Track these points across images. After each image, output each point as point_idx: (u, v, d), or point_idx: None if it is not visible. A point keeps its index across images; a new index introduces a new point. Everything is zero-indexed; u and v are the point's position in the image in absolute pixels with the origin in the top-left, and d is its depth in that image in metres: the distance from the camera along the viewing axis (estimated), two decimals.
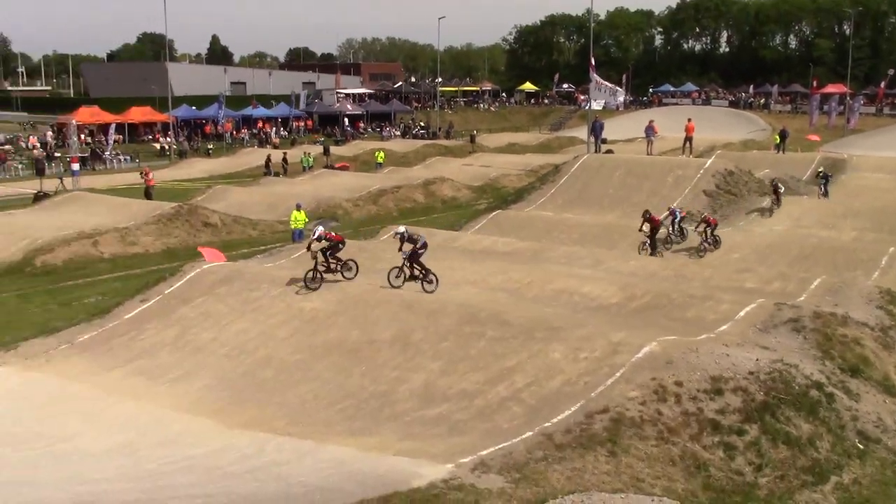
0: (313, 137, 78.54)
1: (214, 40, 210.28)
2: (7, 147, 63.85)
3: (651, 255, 25.96)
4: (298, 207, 30.40)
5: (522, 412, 13.68)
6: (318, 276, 19.78)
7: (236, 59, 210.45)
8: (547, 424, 12.88)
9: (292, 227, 30.37)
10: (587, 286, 20.20)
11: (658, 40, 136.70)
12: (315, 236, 20.14)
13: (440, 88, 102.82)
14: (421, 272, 19.49)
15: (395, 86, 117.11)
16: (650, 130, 41.00)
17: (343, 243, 20.40)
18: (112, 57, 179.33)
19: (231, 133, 77.67)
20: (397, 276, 19.46)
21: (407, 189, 43.35)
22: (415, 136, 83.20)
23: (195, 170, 57.65)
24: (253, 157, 62.36)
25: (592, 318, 17.48)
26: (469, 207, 41.40)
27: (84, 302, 23.57)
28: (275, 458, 13.12)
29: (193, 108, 79.83)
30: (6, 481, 12.14)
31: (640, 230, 26.41)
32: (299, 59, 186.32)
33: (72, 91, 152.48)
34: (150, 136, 74.39)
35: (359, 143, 72.08)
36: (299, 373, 16.56)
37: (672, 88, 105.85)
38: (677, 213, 28.31)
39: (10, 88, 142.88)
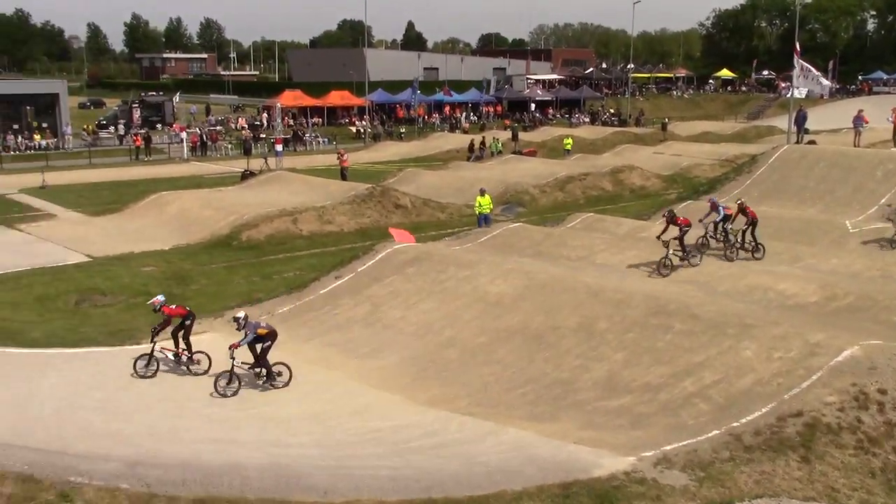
0: (503, 123, 78.95)
1: (410, 26, 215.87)
2: (218, 128, 68.17)
3: (681, 262, 21.01)
4: (483, 192, 30.70)
5: (709, 409, 13.27)
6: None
7: (430, 44, 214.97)
8: (735, 424, 12.43)
9: (477, 211, 30.73)
10: (783, 283, 19.26)
11: (871, 24, 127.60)
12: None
13: (632, 75, 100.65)
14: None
15: (586, 72, 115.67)
16: (859, 120, 38.43)
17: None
18: (314, 43, 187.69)
19: (423, 117, 79.40)
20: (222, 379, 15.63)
21: (594, 177, 42.81)
22: (604, 123, 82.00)
23: (388, 153, 59.39)
24: (443, 141, 63.49)
25: (788, 316, 16.65)
26: (658, 197, 40.37)
27: (284, 276, 24.84)
28: (457, 437, 13.40)
29: (388, 92, 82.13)
30: (214, 438, 13.06)
31: (660, 238, 20.92)
32: (491, 45, 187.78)
33: (277, 76, 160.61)
34: (347, 120, 77.23)
35: (547, 129, 71.87)
36: (482, 355, 16.78)
37: (885, 76, 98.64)
38: (721, 207, 22.38)
39: (222, 73, 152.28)
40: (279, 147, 51.00)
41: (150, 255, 27.50)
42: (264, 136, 63.08)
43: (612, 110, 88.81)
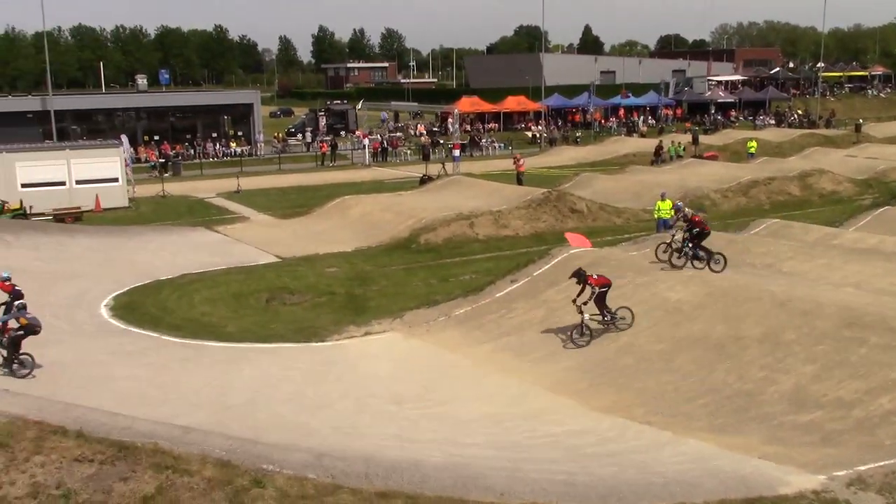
0: (682, 126, 76.88)
1: (586, 30, 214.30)
2: (398, 134, 70.10)
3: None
4: (663, 197, 29.97)
5: None
6: None
7: (606, 48, 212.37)
8: None
9: (656, 216, 30.05)
10: None
11: None
12: None
13: (822, 74, 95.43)
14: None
15: (772, 72, 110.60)
16: None
17: None
18: (491, 50, 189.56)
19: (599, 122, 78.50)
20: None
21: (781, 181, 40.87)
22: (790, 125, 78.17)
23: (563, 157, 59.10)
24: (619, 145, 62.54)
25: None
26: (851, 202, 38.08)
27: (460, 279, 25.19)
28: (634, 445, 13.13)
29: (564, 97, 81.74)
30: (393, 434, 13.42)
31: (575, 302, 17.92)
32: (670, 47, 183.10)
33: (454, 82, 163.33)
34: (523, 125, 77.48)
35: (729, 132, 69.29)
36: (660, 363, 16.38)
37: None
38: (682, 207, 21.35)
39: (402, 81, 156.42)
40: (457, 152, 51.85)
41: (334, 257, 28.62)
42: (442, 141, 64.29)
43: (799, 111, 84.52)
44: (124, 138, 46.00)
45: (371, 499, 9.36)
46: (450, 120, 67.14)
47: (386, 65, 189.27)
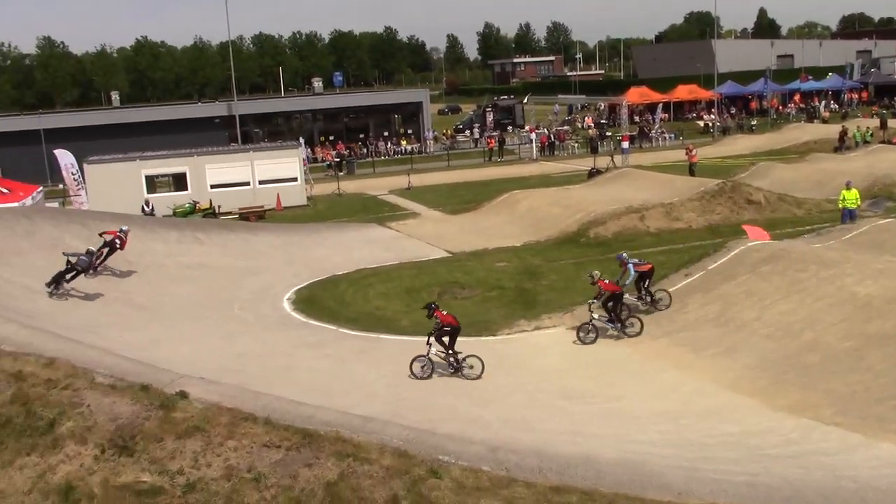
0: (869, 110, 72.20)
1: (761, 13, 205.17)
2: (565, 128, 69.57)
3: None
4: (848, 185, 28.34)
5: None
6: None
7: (784, 31, 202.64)
8: None
9: (841, 206, 28.46)
10: None
11: None
12: None
13: None
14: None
15: None
16: None
17: None
18: (659, 38, 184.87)
19: (776, 108, 74.96)
20: None
21: None
22: None
23: (738, 146, 56.86)
24: (799, 132, 59.56)
25: None
26: None
27: None
28: (820, 447, 12.48)
29: (738, 84, 78.61)
30: (565, 430, 13.34)
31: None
32: (853, 27, 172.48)
33: (622, 73, 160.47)
34: (694, 114, 75.11)
35: None
36: (849, 361, 15.45)
37: None
38: (630, 264, 20.10)
39: (568, 74, 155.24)
40: (625, 144, 50.95)
41: (503, 251, 28.74)
42: (610, 133, 63.31)
43: None
44: (301, 141, 48.04)
45: (546, 493, 9.35)
46: (622, 111, 66.10)
47: (552, 58, 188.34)
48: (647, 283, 20.01)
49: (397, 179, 48.71)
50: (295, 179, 41.88)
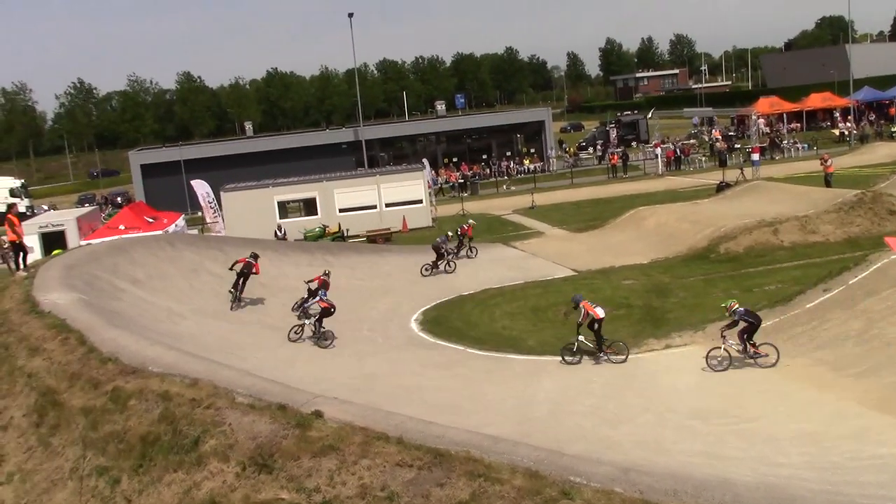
0: None
1: None
2: (692, 141, 68.02)
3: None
4: None
5: None
6: None
7: None
8: None
9: None
10: None
11: None
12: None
13: None
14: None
15: None
16: None
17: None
18: (789, 46, 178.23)
19: None
20: None
21: None
22: None
23: (877, 155, 54.20)
24: None
25: None
26: None
27: (765, 289, 23.87)
28: None
29: (877, 89, 75.02)
30: (699, 452, 12.98)
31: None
32: None
33: (750, 83, 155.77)
34: (829, 123, 72.10)
35: None
36: None
37: None
38: (581, 306, 19.07)
39: (693, 86, 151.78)
40: (755, 156, 49.37)
41: (630, 269, 28.29)
42: (739, 146, 61.51)
43: None
44: (426, 163, 48.79)
45: None
46: (756, 121, 64.11)
47: (676, 71, 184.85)
48: (597, 328, 18.98)
49: (521, 199, 48.76)
50: (420, 201, 42.52)
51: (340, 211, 41.48)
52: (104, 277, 21.10)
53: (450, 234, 31.25)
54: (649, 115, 79.39)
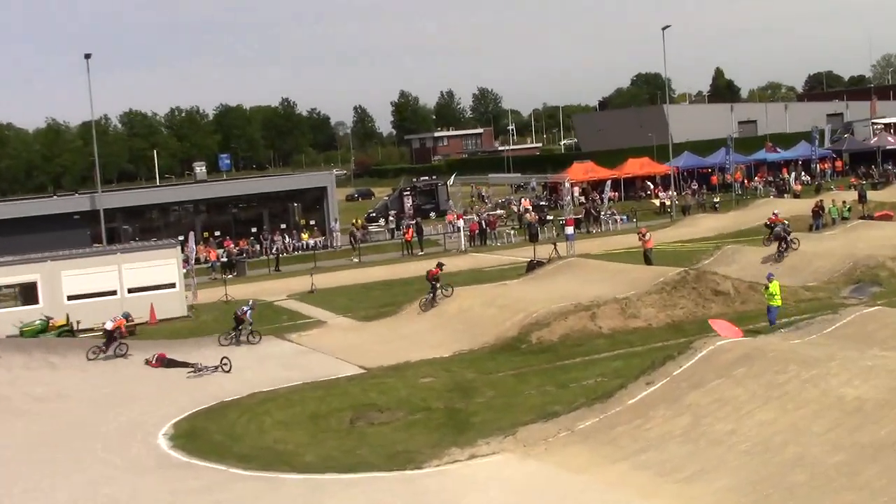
0: (848, 181, 75.28)
1: (718, 74, 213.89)
2: (499, 212, 70.67)
3: None
4: (770, 278, 29.25)
5: None
6: None
7: (744, 93, 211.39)
8: None
9: (770, 302, 29.15)
10: None
11: None
12: None
13: None
14: None
15: None
16: None
17: None
18: (604, 105, 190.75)
19: (741, 182, 77.57)
20: None
21: None
22: None
23: (700, 228, 58.45)
24: (769, 208, 61.39)
25: None
26: None
27: (583, 384, 24.76)
28: None
29: (697, 155, 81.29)
30: None
31: None
32: (822, 87, 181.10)
33: (562, 146, 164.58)
34: (648, 192, 77.11)
35: None
36: (841, 478, 15.63)
37: None
38: None
39: (500, 148, 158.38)
40: (570, 229, 51.82)
41: (429, 364, 28.63)
42: (552, 217, 64.43)
43: None
44: (191, 236, 47.71)
45: None
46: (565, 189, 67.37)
47: (480, 131, 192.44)
48: None
49: (298, 281, 48.50)
50: (173, 285, 41.31)
51: (70, 298, 39.48)
52: None
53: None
54: (450, 182, 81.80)
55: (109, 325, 31.40)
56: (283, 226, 65.88)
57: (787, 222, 41.63)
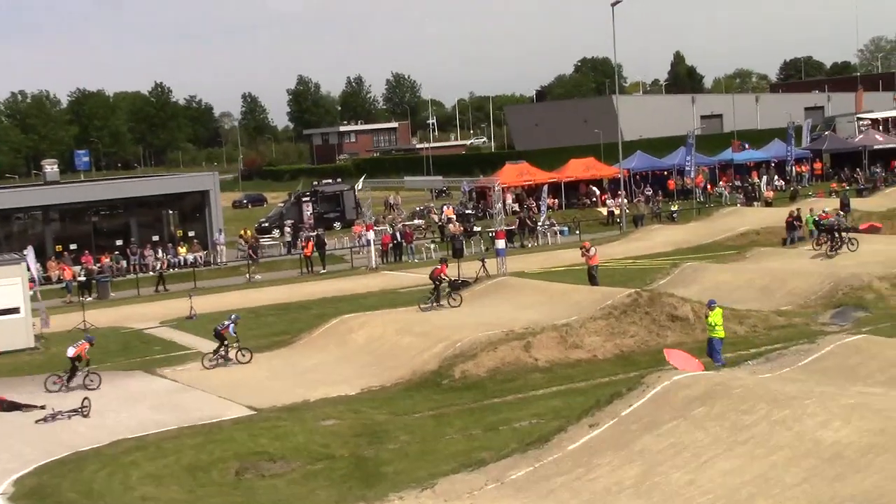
0: (828, 186, 76.85)
1: (678, 59, 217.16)
2: (417, 222, 70.76)
3: None
4: (711, 305, 29.40)
5: None
6: None
7: (708, 82, 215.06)
8: None
9: (710, 334, 29.30)
10: None
11: None
12: None
13: None
14: None
15: None
16: None
17: None
18: (542, 95, 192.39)
19: (703, 188, 78.76)
20: None
21: None
22: None
23: (655, 241, 59.24)
24: (736, 219, 62.63)
25: None
26: None
27: (515, 426, 24.94)
28: None
29: (651, 155, 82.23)
30: None
31: None
32: (799, 76, 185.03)
33: (493, 144, 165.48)
34: (593, 199, 77.80)
35: (894, 192, 69.24)
36: None
37: None
38: None
39: (418, 146, 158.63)
40: (501, 243, 52.01)
41: (332, 403, 28.58)
42: (479, 229, 64.71)
43: None
44: (30, 250, 46.85)
45: None
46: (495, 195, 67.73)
47: (395, 125, 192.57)
48: None
49: (174, 304, 48.01)
50: (17, 310, 40.52)
51: None
52: None
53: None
54: (359, 186, 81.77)
55: None
56: (156, 238, 65.06)
57: (841, 213, 43.01)
